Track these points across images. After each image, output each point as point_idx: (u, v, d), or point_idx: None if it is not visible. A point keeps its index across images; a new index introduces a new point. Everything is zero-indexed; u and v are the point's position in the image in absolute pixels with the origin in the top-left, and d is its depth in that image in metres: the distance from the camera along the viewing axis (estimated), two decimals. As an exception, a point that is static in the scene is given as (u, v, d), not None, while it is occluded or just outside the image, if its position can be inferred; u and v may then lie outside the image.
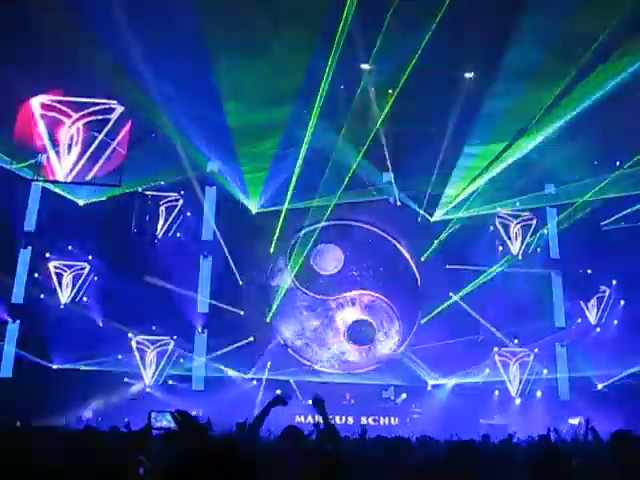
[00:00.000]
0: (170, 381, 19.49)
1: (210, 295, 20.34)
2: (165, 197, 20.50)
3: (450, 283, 20.94)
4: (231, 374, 19.88)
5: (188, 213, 20.74)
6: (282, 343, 21.22)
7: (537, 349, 20.37)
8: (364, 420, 19.01)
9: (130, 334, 19.31)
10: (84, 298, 19.48)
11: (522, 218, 21.34)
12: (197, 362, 19.73)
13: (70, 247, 19.55)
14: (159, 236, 20.42)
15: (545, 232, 21.35)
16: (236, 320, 20.33)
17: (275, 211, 20.45)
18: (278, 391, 19.43)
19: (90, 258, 19.59)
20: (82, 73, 15.54)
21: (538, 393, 20.45)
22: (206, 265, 20.55)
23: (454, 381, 20.46)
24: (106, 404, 18.20)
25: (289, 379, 20.08)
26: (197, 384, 19.60)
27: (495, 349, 20.58)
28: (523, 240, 21.24)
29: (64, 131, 15.82)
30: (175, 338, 19.61)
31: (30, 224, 19.37)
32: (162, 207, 20.49)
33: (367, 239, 21.85)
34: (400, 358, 21.09)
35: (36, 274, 19.30)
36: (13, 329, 18.65)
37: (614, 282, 20.97)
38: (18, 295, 18.98)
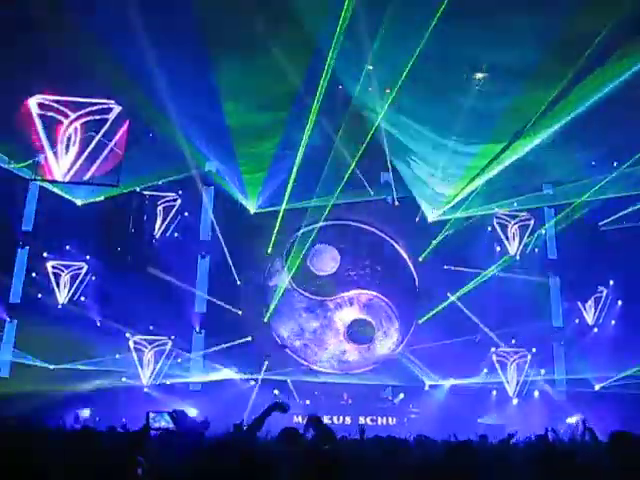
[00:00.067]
0: (168, 381, 19.47)
1: (208, 295, 20.33)
2: (163, 197, 20.49)
3: (448, 283, 20.96)
4: (229, 374, 19.87)
5: (186, 213, 20.73)
6: (280, 343, 21.22)
7: (535, 349, 20.38)
8: (362, 420, 19.01)
9: (128, 334, 19.28)
10: (82, 298, 19.45)
11: (520, 218, 21.35)
12: (195, 362, 19.72)
13: (68, 247, 19.53)
14: (157, 236, 20.41)
15: (543, 232, 21.36)
16: (234, 320, 20.32)
17: (273, 211, 20.42)
18: (276, 391, 19.48)
19: (88, 258, 19.56)
20: (80, 73, 15.50)
21: (535, 393, 20.47)
22: (204, 265, 20.55)
23: (452, 381, 20.48)
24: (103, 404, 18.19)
25: (287, 379, 20.08)
26: (194, 384, 19.60)
27: (493, 349, 20.59)
28: (521, 240, 21.25)
29: (62, 131, 15.80)
30: (173, 338, 19.60)
31: (28, 224, 19.36)
32: (160, 207, 20.47)
33: (365, 239, 21.85)
34: (398, 358, 21.09)
35: (34, 274, 19.28)
36: (10, 329, 18.64)
37: (611, 282, 21.01)
38: (15, 295, 18.98)
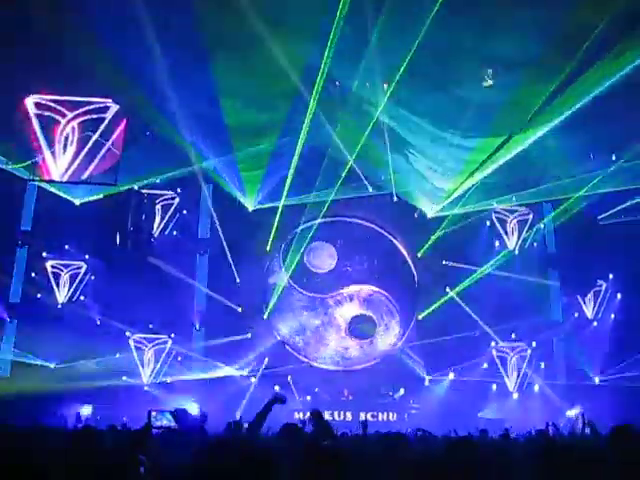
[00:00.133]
0: (168, 379, 19.49)
1: (207, 293, 20.35)
2: (161, 195, 20.47)
3: (447, 279, 20.98)
4: (229, 371, 19.89)
5: (184, 211, 20.72)
6: (279, 340, 21.23)
7: (534, 344, 20.39)
8: (362, 416, 19.02)
9: (128, 333, 19.31)
10: (81, 297, 19.47)
11: (518, 213, 21.35)
12: (195, 360, 19.74)
13: (67, 246, 19.53)
14: (155, 234, 20.40)
15: (542, 227, 21.36)
16: (233, 317, 20.35)
17: (272, 208, 20.42)
18: (277, 387, 19.49)
19: (87, 257, 19.57)
20: (78, 72, 15.46)
21: (535, 387, 20.49)
22: (203, 263, 20.57)
23: (452, 376, 20.51)
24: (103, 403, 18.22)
25: (287, 375, 20.10)
26: (194, 381, 19.60)
27: (492, 344, 20.61)
28: (520, 235, 21.24)
29: (59, 130, 15.77)
30: (172, 336, 19.62)
31: (27, 224, 19.37)
32: (158, 205, 20.46)
33: (364, 235, 21.83)
34: (398, 354, 21.13)
35: (33, 273, 19.28)
36: (10, 328, 18.65)
37: (611, 276, 21.02)
38: (15, 294, 18.99)
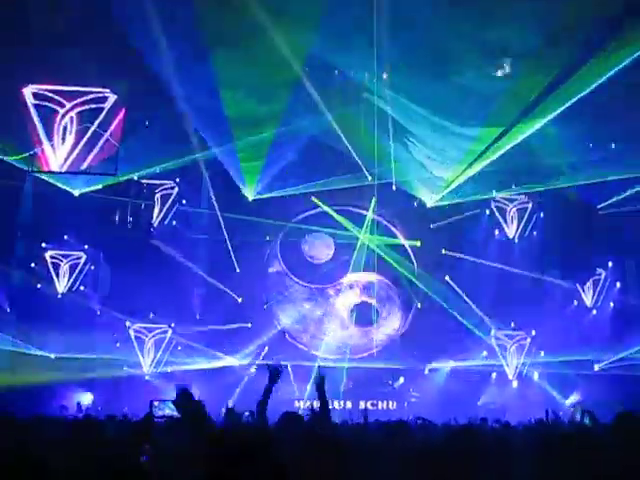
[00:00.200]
0: (169, 368, 19.54)
1: (207, 282, 20.35)
2: (161, 185, 20.43)
3: (446, 267, 21.00)
4: (229, 360, 19.94)
5: (184, 201, 20.68)
6: (280, 329, 21.26)
7: (534, 332, 20.43)
8: (362, 404, 19.10)
9: (128, 322, 19.35)
10: (81, 287, 19.49)
11: (518, 202, 21.33)
12: (195, 349, 19.77)
13: (66, 237, 19.53)
14: (155, 224, 20.38)
15: (541, 215, 21.34)
16: (234, 307, 20.38)
17: (272, 198, 20.40)
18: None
19: (86, 247, 19.58)
20: (77, 61, 15.38)
21: (535, 376, 20.55)
22: (202, 252, 20.53)
23: (451, 364, 20.56)
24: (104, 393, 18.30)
25: (287, 364, 20.12)
26: (195, 371, 19.64)
27: (492, 332, 20.65)
28: (519, 224, 21.25)
29: (58, 121, 15.71)
30: (173, 326, 19.65)
31: (26, 214, 19.31)
32: (158, 195, 20.42)
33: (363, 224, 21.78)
34: (398, 342, 21.17)
35: (32, 264, 19.26)
36: (10, 319, 18.63)
37: (610, 264, 21.03)
38: (15, 285, 18.96)
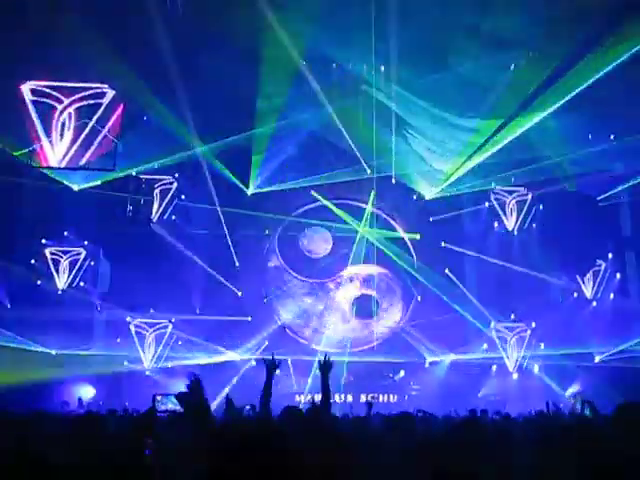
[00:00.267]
0: (169, 363, 19.57)
1: (207, 277, 20.35)
2: (160, 180, 20.40)
3: (446, 260, 21.00)
4: (229, 355, 19.97)
5: (183, 196, 20.66)
6: (280, 324, 21.28)
7: (534, 324, 20.45)
8: (363, 398, 19.13)
9: (128, 318, 19.37)
10: (81, 283, 19.51)
11: (517, 194, 21.32)
12: (195, 344, 19.79)
13: (66, 233, 19.55)
14: (154, 219, 20.36)
15: (541, 207, 21.33)
16: (234, 301, 20.40)
17: (271, 192, 20.43)
18: (277, 371, 19.53)
19: (86, 243, 19.60)
20: (74, 57, 15.35)
21: (535, 368, 20.58)
22: (202, 247, 20.51)
23: (452, 357, 20.60)
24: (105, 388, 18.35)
25: (286, 358, 20.15)
26: (196, 366, 19.66)
27: (492, 325, 20.67)
28: (518, 216, 21.24)
29: (56, 116, 15.69)
30: (173, 321, 19.67)
31: (26, 210, 19.28)
32: (157, 190, 20.39)
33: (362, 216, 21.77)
34: (399, 333, 21.20)
35: (33, 260, 19.27)
36: (11, 316, 18.63)
37: (610, 256, 21.04)
38: (15, 281, 18.96)
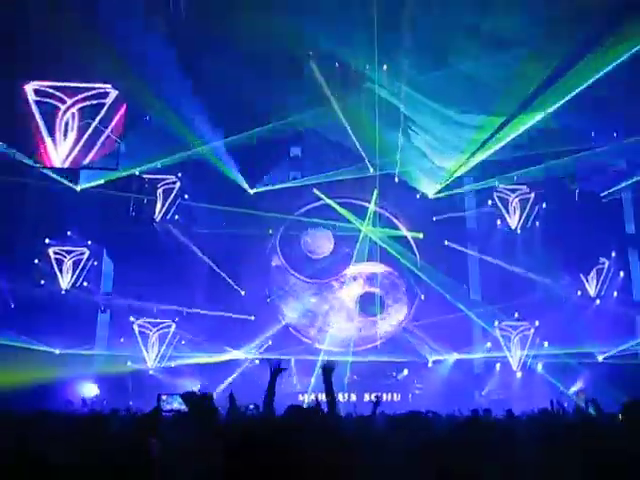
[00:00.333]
0: (173, 363, 19.58)
1: (210, 276, 20.36)
2: (162, 180, 20.42)
3: (449, 259, 20.98)
4: (232, 354, 19.97)
5: (186, 195, 20.67)
6: (284, 323, 21.27)
7: (537, 322, 20.41)
8: (367, 397, 19.13)
9: (131, 317, 19.40)
10: (84, 283, 19.53)
11: (520, 192, 21.28)
12: (198, 343, 19.79)
13: (69, 233, 19.58)
14: (157, 219, 20.38)
15: (544, 205, 21.30)
16: (237, 300, 20.40)
17: (273, 191, 20.45)
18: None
19: (89, 243, 19.63)
20: (77, 57, 15.38)
21: (539, 366, 20.54)
22: (205, 246, 20.51)
23: (455, 356, 20.57)
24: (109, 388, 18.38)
25: (290, 358, 20.15)
26: (199, 365, 19.68)
27: (496, 323, 20.63)
28: (521, 214, 21.20)
29: (60, 116, 15.72)
30: (176, 320, 19.68)
31: (29, 210, 19.32)
32: (160, 190, 20.41)
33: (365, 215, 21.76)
34: (402, 333, 21.20)
35: (36, 260, 19.30)
36: (14, 315, 18.66)
37: (613, 254, 21.00)
38: (19, 281, 18.98)
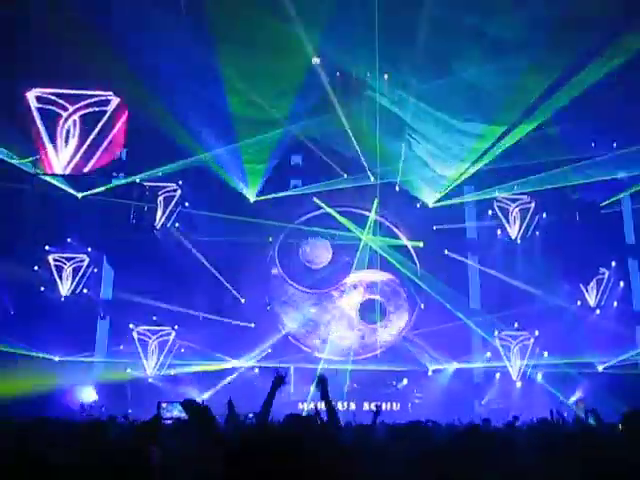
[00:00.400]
0: (172, 371, 19.54)
1: (210, 284, 20.35)
2: (163, 187, 20.43)
3: (449, 268, 20.98)
4: (232, 362, 19.95)
5: (186, 203, 20.68)
6: (284, 332, 21.24)
7: (537, 332, 20.39)
8: (366, 406, 19.10)
9: (131, 325, 19.38)
10: (84, 290, 19.52)
11: (520, 202, 21.30)
12: (198, 351, 19.76)
13: (69, 239, 19.58)
14: (158, 227, 20.38)
15: (544, 215, 21.32)
16: (237, 308, 20.39)
17: (274, 199, 20.48)
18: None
19: (89, 250, 19.63)
20: (79, 64, 15.42)
21: (539, 376, 20.50)
22: (206, 254, 20.51)
23: (455, 365, 20.55)
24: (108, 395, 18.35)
25: (290, 366, 20.11)
26: (199, 373, 19.65)
27: (495, 333, 20.61)
28: (522, 224, 21.22)
29: (61, 124, 15.76)
30: (176, 328, 19.66)
31: (30, 217, 19.33)
32: (160, 197, 20.43)
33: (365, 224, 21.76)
34: (402, 342, 21.18)
35: (36, 267, 19.30)
36: (14, 322, 18.64)
37: (613, 264, 21.00)
38: (19, 288, 18.97)
